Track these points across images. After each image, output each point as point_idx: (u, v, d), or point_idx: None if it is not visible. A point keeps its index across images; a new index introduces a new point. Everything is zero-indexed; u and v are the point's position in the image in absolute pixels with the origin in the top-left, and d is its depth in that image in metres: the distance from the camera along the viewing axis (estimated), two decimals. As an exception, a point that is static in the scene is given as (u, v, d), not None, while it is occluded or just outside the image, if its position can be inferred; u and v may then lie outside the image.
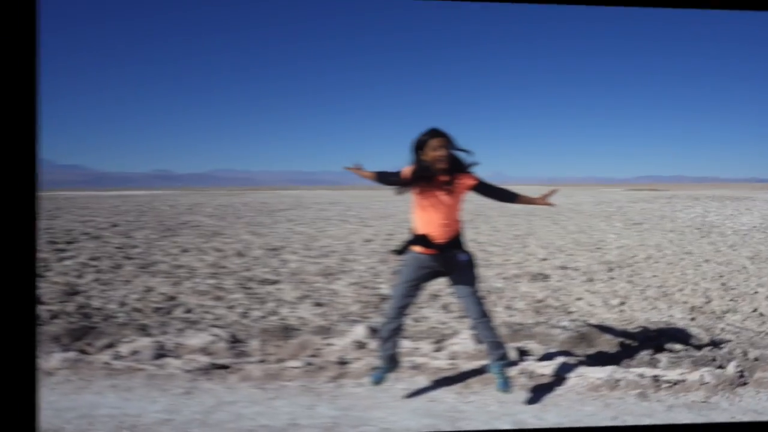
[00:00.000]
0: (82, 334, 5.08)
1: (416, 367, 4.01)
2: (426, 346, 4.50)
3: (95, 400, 3.58)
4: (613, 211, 25.32)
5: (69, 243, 13.30)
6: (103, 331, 5.18)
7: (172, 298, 7.45)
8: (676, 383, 3.69)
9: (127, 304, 7.08)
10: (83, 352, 4.64)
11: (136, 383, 3.87)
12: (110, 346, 4.77)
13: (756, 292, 7.39)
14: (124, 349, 4.56)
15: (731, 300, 6.97)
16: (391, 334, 3.52)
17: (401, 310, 3.48)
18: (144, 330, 5.32)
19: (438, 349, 4.45)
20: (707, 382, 3.67)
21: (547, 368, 3.94)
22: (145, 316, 6.46)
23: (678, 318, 6.10)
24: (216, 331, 5.04)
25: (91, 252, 11.70)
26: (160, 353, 4.46)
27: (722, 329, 5.41)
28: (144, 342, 4.71)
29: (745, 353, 4.27)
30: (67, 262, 10.19)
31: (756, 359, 4.15)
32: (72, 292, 7.70)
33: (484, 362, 3.96)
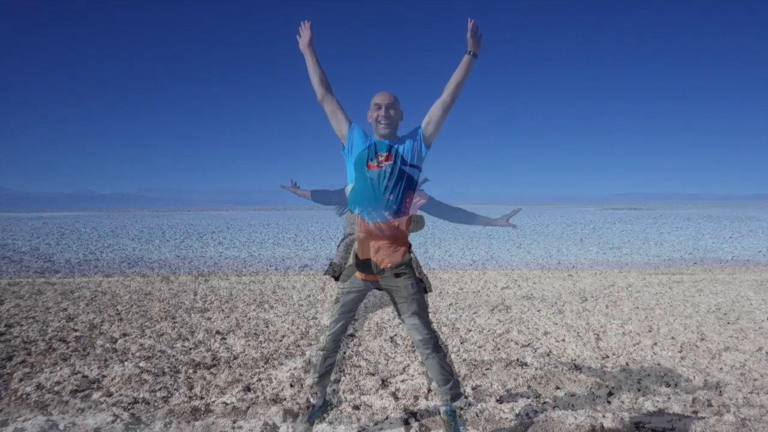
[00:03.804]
0: (3, 362, 5.17)
1: (358, 407, 3.95)
2: (369, 382, 4.46)
3: None
4: (587, 233, 25.72)
5: (-11, 268, 13.80)
6: (24, 360, 5.25)
7: (94, 327, 7.43)
8: (663, 431, 3.52)
9: (48, 332, 7.07)
10: (4, 381, 4.70)
11: (59, 416, 3.86)
12: (32, 376, 4.84)
13: (760, 328, 7.12)
14: (46, 379, 4.61)
15: (731, 336, 6.72)
16: (329, 368, 3.44)
17: (341, 343, 3.37)
18: (66, 360, 5.35)
19: (383, 387, 4.40)
20: (701, 432, 3.49)
21: (509, 411, 3.84)
22: (68, 346, 6.43)
23: (666, 356, 5.91)
24: (141, 362, 5.04)
25: (12, 276, 12.05)
26: (84, 385, 4.49)
27: (720, 369, 5.20)
28: (66, 372, 4.77)
29: (747, 399, 4.12)
30: (-13, 288, 10.39)
31: (762, 406, 3.99)
32: (-8, 319, 7.82)
33: (435, 403, 3.94)
